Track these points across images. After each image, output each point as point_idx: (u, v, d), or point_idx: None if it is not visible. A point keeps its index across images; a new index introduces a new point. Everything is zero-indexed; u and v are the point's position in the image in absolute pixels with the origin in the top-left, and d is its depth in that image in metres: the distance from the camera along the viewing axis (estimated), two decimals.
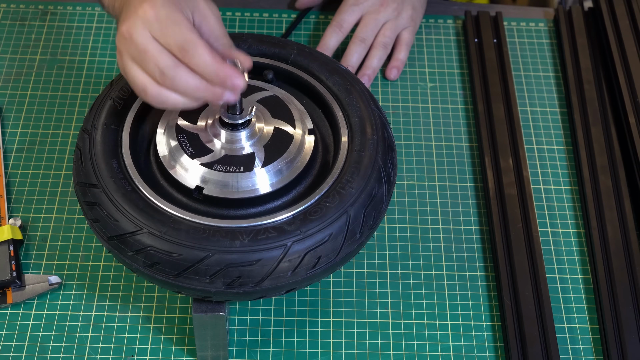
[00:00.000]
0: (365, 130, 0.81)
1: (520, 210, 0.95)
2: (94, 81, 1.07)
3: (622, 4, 1.12)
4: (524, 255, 0.91)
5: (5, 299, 0.87)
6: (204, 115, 0.81)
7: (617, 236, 0.93)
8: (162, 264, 0.74)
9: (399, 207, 0.97)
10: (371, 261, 0.92)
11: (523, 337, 0.86)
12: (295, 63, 0.87)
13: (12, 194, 0.96)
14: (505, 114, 1.04)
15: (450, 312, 0.89)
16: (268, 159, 0.78)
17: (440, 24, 1.15)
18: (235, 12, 1.15)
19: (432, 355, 0.86)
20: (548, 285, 0.90)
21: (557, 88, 1.09)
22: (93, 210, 0.76)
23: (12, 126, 1.02)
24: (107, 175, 0.77)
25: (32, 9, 1.14)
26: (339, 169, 0.79)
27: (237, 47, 0.78)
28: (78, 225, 0.94)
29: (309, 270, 0.75)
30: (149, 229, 0.74)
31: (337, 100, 0.84)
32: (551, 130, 1.05)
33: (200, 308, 0.77)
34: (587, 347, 0.87)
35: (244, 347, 0.86)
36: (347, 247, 0.76)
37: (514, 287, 0.89)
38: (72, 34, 1.11)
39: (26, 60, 1.08)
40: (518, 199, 0.96)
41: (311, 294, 0.90)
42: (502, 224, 0.94)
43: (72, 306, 0.88)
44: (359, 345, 0.87)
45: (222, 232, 0.74)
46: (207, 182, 0.77)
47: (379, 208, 0.79)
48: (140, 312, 0.88)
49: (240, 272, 0.73)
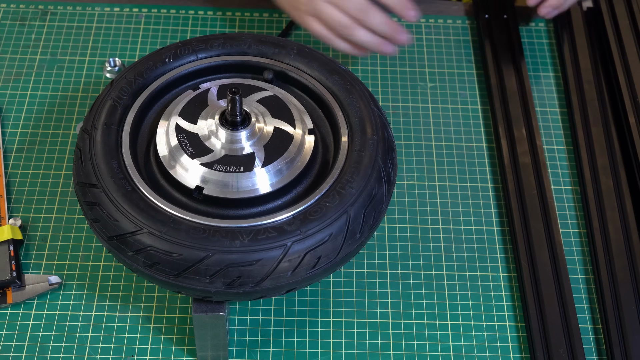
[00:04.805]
0: (365, 130, 0.81)
1: (534, 178, 0.97)
2: (94, 81, 1.07)
3: (622, 4, 1.12)
4: (540, 222, 0.94)
5: (5, 299, 0.87)
6: (204, 115, 0.81)
7: (619, 236, 0.93)
8: (162, 264, 0.74)
9: (399, 207, 0.97)
10: (371, 261, 0.92)
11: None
12: (295, 63, 0.87)
13: (12, 194, 0.96)
14: (518, 87, 1.05)
15: (450, 312, 0.89)
16: (268, 159, 0.78)
17: (440, 24, 1.15)
18: (235, 12, 1.15)
19: (432, 355, 0.86)
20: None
21: (557, 88, 1.09)
22: (93, 210, 0.76)
23: (12, 126, 1.02)
24: (107, 175, 0.77)
25: (32, 9, 1.14)
26: (339, 169, 0.79)
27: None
28: (78, 225, 0.94)
29: (309, 270, 0.75)
30: (149, 229, 0.74)
31: (337, 100, 0.84)
32: (552, 131, 1.05)
33: (200, 308, 0.77)
34: (589, 347, 0.87)
35: (244, 347, 0.86)
36: (347, 247, 0.76)
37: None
38: (72, 34, 1.11)
39: (26, 60, 1.08)
40: (532, 168, 0.98)
41: (311, 294, 0.90)
42: (517, 191, 0.96)
43: (72, 306, 0.88)
44: (359, 345, 0.87)
45: (222, 232, 0.74)
46: (207, 182, 0.77)
47: (379, 208, 0.79)
48: (140, 312, 0.88)
49: (240, 272, 0.73)
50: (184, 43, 0.87)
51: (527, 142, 1.01)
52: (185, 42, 0.87)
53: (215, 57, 0.87)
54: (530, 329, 0.87)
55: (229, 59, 0.87)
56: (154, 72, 0.85)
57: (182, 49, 0.87)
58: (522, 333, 0.88)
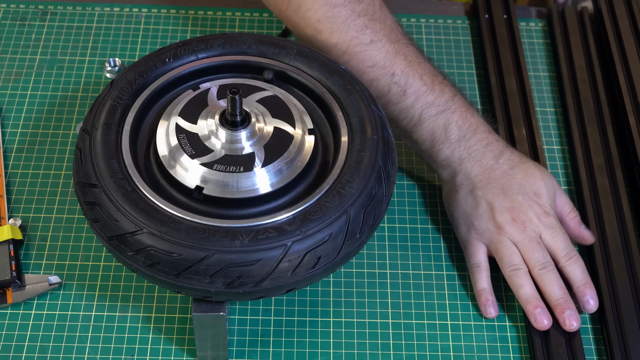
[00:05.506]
0: (365, 130, 0.81)
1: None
2: (94, 81, 1.07)
3: (622, 4, 1.12)
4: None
5: (5, 299, 0.87)
6: (204, 115, 0.81)
7: (616, 236, 0.93)
8: (162, 264, 0.74)
9: (399, 207, 0.97)
10: (371, 261, 0.92)
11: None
12: (295, 63, 0.87)
13: (12, 194, 0.96)
14: (518, 87, 1.05)
15: (450, 312, 0.89)
16: (268, 159, 0.78)
17: (440, 24, 1.15)
18: (235, 12, 1.15)
19: (432, 355, 0.86)
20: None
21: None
22: (93, 210, 0.76)
23: (12, 126, 1.02)
24: (107, 175, 0.77)
25: (32, 9, 1.14)
26: (339, 169, 0.79)
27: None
28: (78, 225, 0.94)
29: (309, 270, 0.75)
30: (149, 229, 0.74)
31: (337, 100, 0.84)
32: (547, 131, 1.05)
33: (200, 308, 0.77)
34: (589, 347, 0.87)
35: (244, 347, 0.86)
36: (347, 247, 0.76)
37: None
38: (72, 34, 1.11)
39: (26, 60, 1.08)
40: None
41: (311, 294, 0.90)
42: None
43: (72, 306, 0.88)
44: (359, 345, 0.87)
45: (222, 232, 0.74)
46: (207, 182, 0.77)
47: (379, 208, 0.79)
48: (140, 312, 0.88)
49: (240, 272, 0.73)
50: (184, 43, 0.87)
51: (527, 142, 1.01)
52: (185, 42, 0.87)
53: (215, 57, 0.87)
54: (530, 329, 0.86)
55: (229, 59, 0.87)
56: (154, 72, 0.85)
57: (182, 49, 0.87)
58: (522, 333, 0.88)
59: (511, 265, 0.87)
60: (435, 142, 0.91)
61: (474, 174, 0.90)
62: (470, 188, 0.90)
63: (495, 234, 0.88)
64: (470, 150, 0.90)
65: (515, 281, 0.87)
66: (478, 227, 0.89)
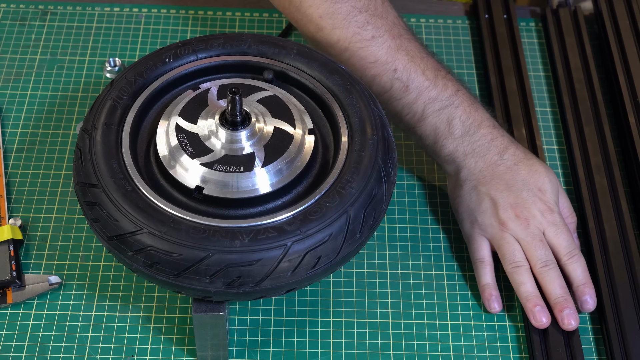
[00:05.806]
0: (365, 130, 0.81)
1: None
2: (94, 81, 1.07)
3: (622, 5, 1.12)
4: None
5: (5, 299, 0.87)
6: (204, 115, 0.81)
7: (615, 236, 0.93)
8: (162, 264, 0.74)
9: (399, 207, 0.97)
10: (371, 261, 0.92)
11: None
12: (295, 63, 0.87)
13: (12, 194, 0.96)
14: (518, 87, 1.05)
15: (450, 312, 0.89)
16: (268, 159, 0.78)
17: (440, 24, 1.15)
18: (235, 12, 1.15)
19: (432, 355, 0.86)
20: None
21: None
22: (93, 210, 0.76)
23: (12, 126, 1.02)
24: (107, 175, 0.77)
25: (32, 9, 1.14)
26: (339, 169, 0.79)
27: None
28: (78, 225, 0.94)
29: (309, 270, 0.75)
30: (149, 229, 0.74)
31: (337, 100, 0.84)
32: (546, 130, 1.05)
33: (200, 308, 0.77)
34: (588, 347, 0.87)
35: (244, 347, 0.86)
36: (347, 247, 0.76)
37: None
38: (72, 34, 1.11)
39: (26, 60, 1.08)
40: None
41: (311, 294, 0.90)
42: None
43: (72, 306, 0.88)
44: (359, 345, 0.87)
45: (222, 232, 0.74)
46: (207, 182, 0.77)
47: (379, 208, 0.79)
48: (140, 312, 0.88)
49: (240, 272, 0.73)
50: (184, 43, 0.87)
51: (527, 142, 1.01)
52: (185, 42, 0.87)
53: (215, 57, 0.87)
54: (530, 328, 0.86)
55: (229, 59, 0.87)
56: (154, 72, 0.85)
57: (182, 49, 0.87)
58: (521, 333, 0.88)
59: (513, 262, 0.87)
60: (438, 138, 0.91)
61: (478, 170, 0.90)
62: (474, 184, 0.90)
63: (498, 231, 0.88)
64: (474, 146, 0.90)
65: (516, 278, 0.87)
66: (481, 222, 0.89)
